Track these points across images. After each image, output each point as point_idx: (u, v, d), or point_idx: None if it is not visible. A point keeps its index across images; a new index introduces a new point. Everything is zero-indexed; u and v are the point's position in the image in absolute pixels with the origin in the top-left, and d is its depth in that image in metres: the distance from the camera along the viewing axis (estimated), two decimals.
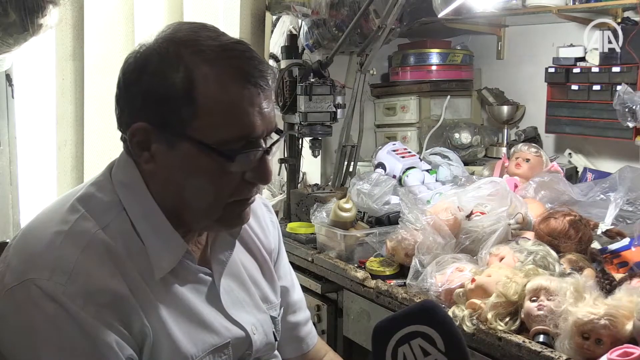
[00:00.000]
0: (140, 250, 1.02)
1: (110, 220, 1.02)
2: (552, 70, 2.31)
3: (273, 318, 1.24)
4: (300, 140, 2.40)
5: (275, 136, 1.07)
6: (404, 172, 2.24)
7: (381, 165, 2.30)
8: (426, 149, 2.54)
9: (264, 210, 1.31)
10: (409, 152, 2.34)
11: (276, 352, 1.27)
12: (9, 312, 0.96)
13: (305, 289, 1.91)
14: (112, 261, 0.99)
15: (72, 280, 0.94)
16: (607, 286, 1.36)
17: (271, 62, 2.53)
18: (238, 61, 1.00)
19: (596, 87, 2.17)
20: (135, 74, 1.01)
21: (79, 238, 0.99)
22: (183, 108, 0.97)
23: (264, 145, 1.03)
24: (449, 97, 2.73)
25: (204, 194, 1.02)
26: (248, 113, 0.99)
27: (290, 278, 1.36)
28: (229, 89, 0.98)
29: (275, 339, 1.24)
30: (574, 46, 2.26)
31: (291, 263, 1.43)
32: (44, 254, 0.97)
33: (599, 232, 1.68)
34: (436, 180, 2.25)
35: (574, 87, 2.24)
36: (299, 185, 2.47)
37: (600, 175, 2.15)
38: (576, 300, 1.28)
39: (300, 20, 2.52)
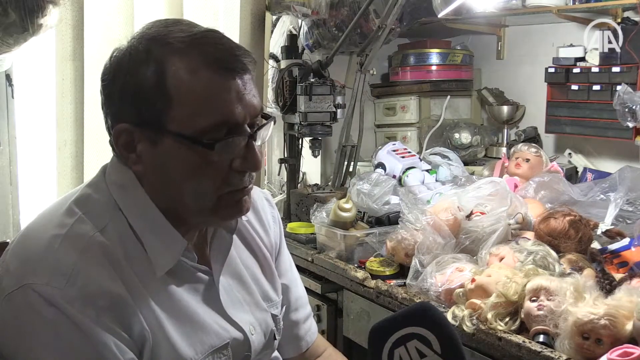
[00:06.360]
0: (138, 251, 1.01)
1: (107, 222, 1.01)
2: (552, 70, 2.31)
3: (274, 316, 1.22)
4: (300, 140, 2.40)
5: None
6: (404, 172, 2.25)
7: (381, 165, 2.30)
8: (426, 149, 2.54)
9: (265, 204, 1.29)
10: (409, 152, 2.34)
11: (276, 353, 1.26)
12: (7, 318, 0.95)
13: (305, 289, 1.92)
14: (110, 264, 0.97)
15: (70, 284, 0.93)
16: (607, 286, 1.36)
17: (271, 62, 2.53)
18: (208, 48, 0.98)
19: (596, 87, 2.17)
20: (110, 75, 1.02)
21: (76, 241, 0.98)
22: (157, 102, 0.97)
23: (248, 131, 1.01)
24: (449, 97, 2.73)
25: (194, 188, 1.00)
26: (223, 99, 0.97)
27: (291, 275, 1.33)
28: (199, 75, 0.96)
29: (275, 338, 1.22)
30: (574, 46, 2.27)
31: None
32: (41, 258, 0.96)
33: (599, 232, 1.68)
34: (436, 180, 2.26)
35: (574, 87, 2.24)
36: (299, 185, 2.47)
37: (600, 175, 2.15)
38: (576, 300, 1.28)
39: (300, 20, 2.52)
